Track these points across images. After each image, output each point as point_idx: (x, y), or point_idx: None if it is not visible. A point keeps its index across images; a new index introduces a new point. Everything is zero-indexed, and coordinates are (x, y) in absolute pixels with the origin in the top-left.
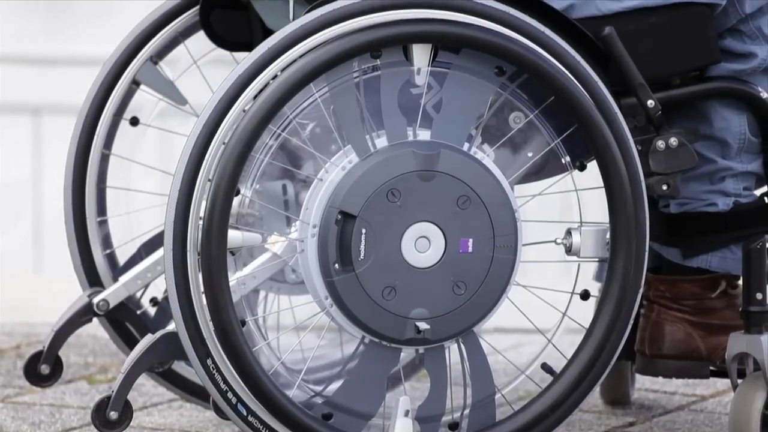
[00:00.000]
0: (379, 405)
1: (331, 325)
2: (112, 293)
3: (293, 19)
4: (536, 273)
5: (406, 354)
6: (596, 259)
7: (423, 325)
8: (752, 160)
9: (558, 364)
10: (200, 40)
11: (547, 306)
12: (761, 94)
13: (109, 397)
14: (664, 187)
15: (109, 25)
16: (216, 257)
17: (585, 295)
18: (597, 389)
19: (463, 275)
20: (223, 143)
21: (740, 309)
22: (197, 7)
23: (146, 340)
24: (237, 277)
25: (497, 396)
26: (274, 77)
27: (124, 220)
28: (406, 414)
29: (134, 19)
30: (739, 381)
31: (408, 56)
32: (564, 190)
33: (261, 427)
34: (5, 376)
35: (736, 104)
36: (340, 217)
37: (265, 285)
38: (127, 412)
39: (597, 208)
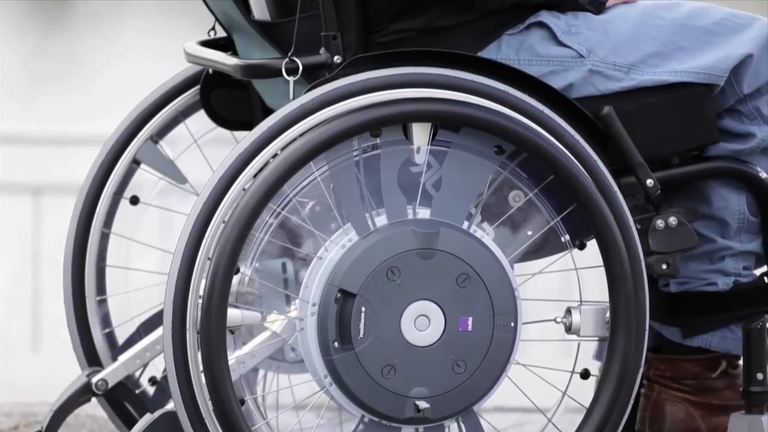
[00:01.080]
0: None
1: (330, 404)
2: (111, 373)
3: (293, 98)
4: (536, 351)
5: None
6: (596, 338)
7: (423, 404)
8: (752, 240)
9: None
10: (200, 119)
11: (547, 385)
12: (760, 174)
13: None
14: (664, 267)
15: (111, 104)
16: (215, 336)
17: (585, 374)
18: None
19: (462, 354)
20: (223, 222)
21: (741, 389)
22: (198, 87)
23: (145, 420)
24: (236, 356)
25: None
26: (274, 156)
27: (123, 299)
28: None
29: (135, 100)
30: None
31: (408, 135)
32: (564, 268)
33: None
34: None
35: (736, 184)
36: (339, 295)
37: (264, 364)
38: None
39: (597, 286)
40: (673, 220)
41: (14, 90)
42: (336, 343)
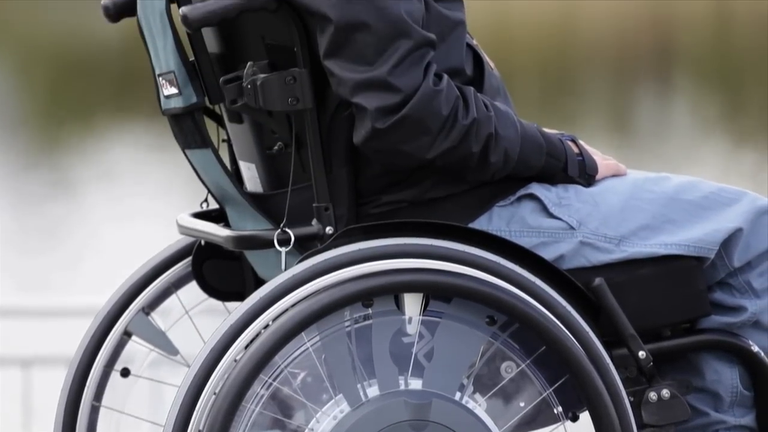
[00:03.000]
0: None
1: None
2: None
3: (285, 269)
4: None
5: None
6: None
7: None
8: (745, 414)
9: None
10: (192, 289)
11: None
12: (752, 348)
13: None
14: None
15: (102, 276)
16: None
17: None
18: None
19: None
20: (214, 393)
21: None
22: (189, 258)
23: None
24: None
25: None
26: (266, 327)
27: None
28: None
29: (126, 273)
30: None
31: (399, 305)
32: None
33: None
34: None
35: (728, 357)
36: None
37: None
38: None
39: None
40: (665, 393)
41: (2, 261)
42: None
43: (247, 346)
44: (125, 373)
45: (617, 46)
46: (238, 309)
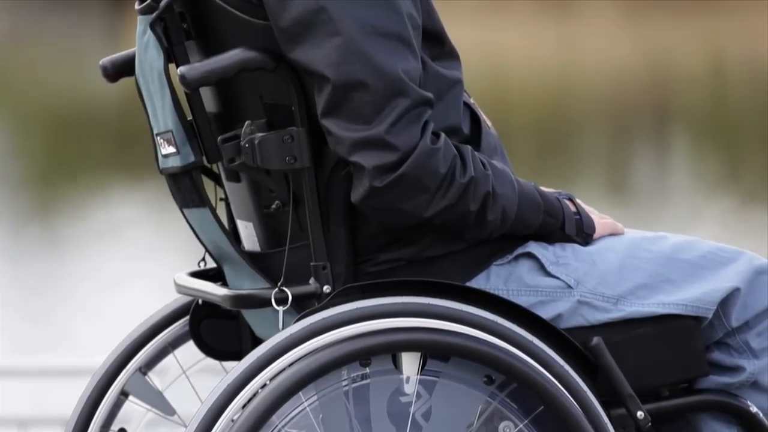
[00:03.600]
0: None
1: None
2: None
3: (283, 328)
4: None
5: None
6: None
7: None
8: None
9: None
10: (190, 349)
11: None
12: (750, 408)
13: None
14: None
15: (99, 335)
16: None
17: None
18: None
19: None
20: None
21: None
22: (187, 317)
23: None
24: None
25: None
26: (263, 386)
27: None
28: None
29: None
30: None
31: (397, 364)
32: None
33: None
34: None
35: (727, 417)
36: None
37: None
38: None
39: None
40: None
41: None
42: None
43: (244, 406)
44: None
45: (615, 105)
46: (235, 368)
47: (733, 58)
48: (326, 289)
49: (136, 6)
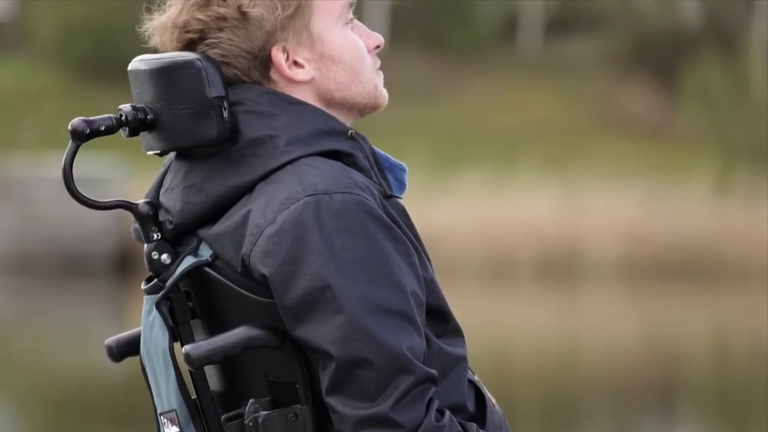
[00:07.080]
0: None
1: None
2: None
3: None
4: None
5: None
6: None
7: None
8: None
9: None
10: None
11: None
12: None
13: None
14: None
15: None
16: None
17: None
18: None
19: None
20: None
21: None
22: None
23: None
24: None
25: None
26: None
27: None
28: None
29: None
30: None
31: None
32: None
33: None
34: None
35: None
36: None
37: None
38: None
39: None
40: None
41: None
42: None
43: None
44: None
45: (619, 380)
46: None
47: (737, 335)
48: None
49: (143, 286)
